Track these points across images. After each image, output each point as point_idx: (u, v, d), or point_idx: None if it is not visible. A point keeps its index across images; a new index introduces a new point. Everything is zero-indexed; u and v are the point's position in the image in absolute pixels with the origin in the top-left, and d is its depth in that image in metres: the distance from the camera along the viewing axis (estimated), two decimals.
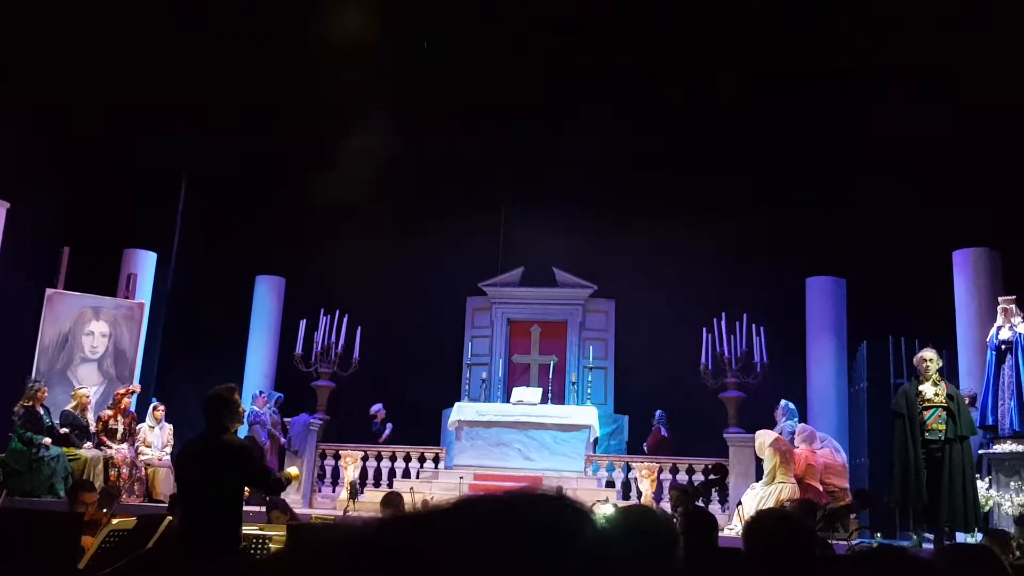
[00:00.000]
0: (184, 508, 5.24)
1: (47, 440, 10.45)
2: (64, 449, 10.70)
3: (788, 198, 13.88)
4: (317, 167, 14.85)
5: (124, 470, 10.94)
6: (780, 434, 10.71)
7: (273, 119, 13.63)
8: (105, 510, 7.61)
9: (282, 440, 12.92)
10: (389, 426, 14.03)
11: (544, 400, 13.49)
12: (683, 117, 13.44)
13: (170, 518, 5.80)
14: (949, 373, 10.34)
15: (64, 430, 10.98)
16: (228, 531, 5.03)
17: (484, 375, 14.92)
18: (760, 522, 3.22)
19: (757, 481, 10.72)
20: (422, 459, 12.84)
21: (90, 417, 11.39)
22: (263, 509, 8.42)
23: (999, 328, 9.87)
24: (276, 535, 5.72)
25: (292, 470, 5.87)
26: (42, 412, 10.76)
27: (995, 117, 11.18)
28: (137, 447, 11.36)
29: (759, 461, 10.82)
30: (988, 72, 10.94)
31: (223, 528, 5.00)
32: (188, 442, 5.44)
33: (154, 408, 12.00)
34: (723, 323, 12.60)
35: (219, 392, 5.23)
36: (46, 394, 11.00)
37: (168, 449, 11.67)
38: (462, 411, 13.10)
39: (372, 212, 15.34)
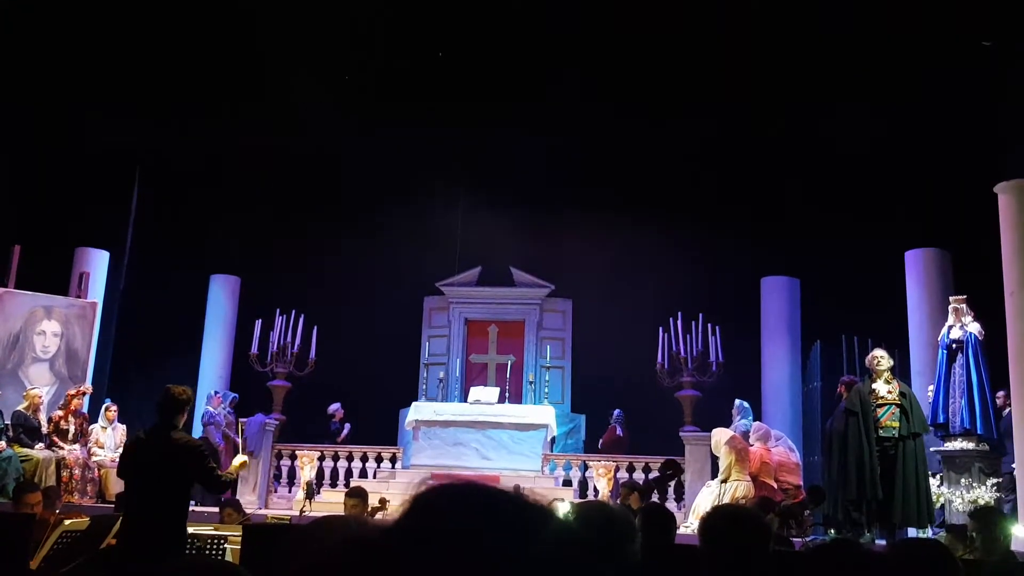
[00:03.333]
0: (129, 502, 5.22)
1: (1, 445, 10.27)
2: (16, 449, 10.50)
3: (743, 199, 14.03)
4: (272, 165, 14.72)
5: (76, 471, 10.77)
6: (735, 432, 10.82)
7: (226, 117, 13.47)
8: (57, 511, 7.51)
9: (237, 441, 12.77)
10: (348, 426, 13.95)
11: (502, 399, 13.50)
12: (638, 118, 13.52)
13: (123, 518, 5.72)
14: (901, 372, 10.53)
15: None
16: (173, 527, 5.00)
17: (441, 375, 14.89)
18: (715, 518, 3.25)
19: (713, 479, 10.82)
20: (379, 459, 12.80)
21: (42, 418, 11.18)
22: (216, 509, 8.34)
23: (950, 327, 10.06)
24: (232, 535, 5.66)
25: (238, 460, 5.82)
26: None
27: (947, 118, 11.39)
28: (89, 448, 11.18)
29: (715, 459, 10.93)
30: (939, 73, 11.14)
31: (168, 524, 4.97)
32: (137, 437, 5.49)
33: (106, 408, 11.82)
34: (679, 323, 12.71)
35: (180, 394, 5.31)
36: None
37: (121, 450, 11.51)
38: (419, 411, 13.07)
39: (328, 211, 15.26)
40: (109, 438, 11.55)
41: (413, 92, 13.66)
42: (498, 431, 12.72)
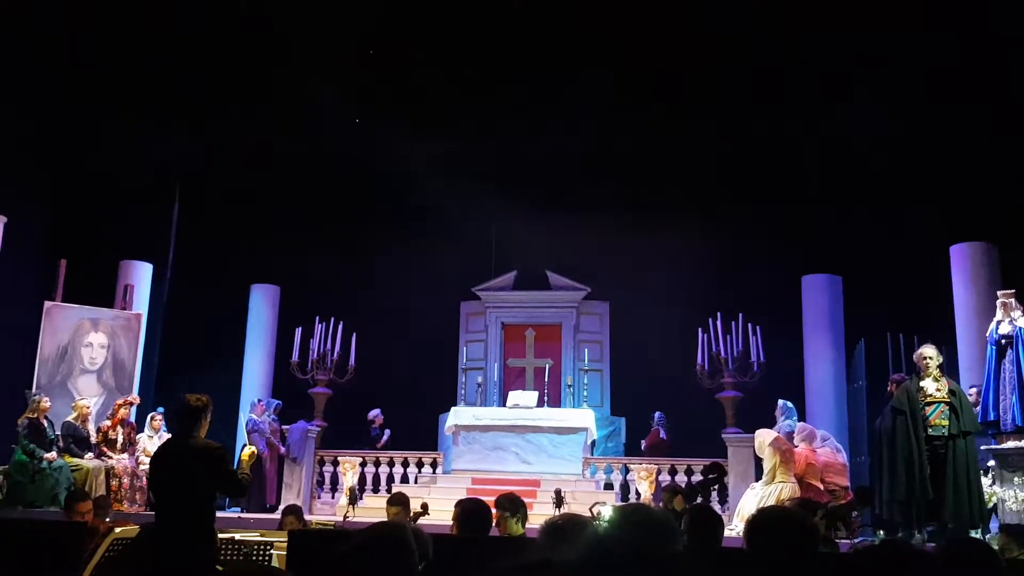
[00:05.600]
0: (158, 510, 5.30)
1: (50, 455, 10.46)
2: (66, 459, 10.71)
3: (783, 196, 13.88)
4: (308, 176, 14.85)
5: (125, 480, 10.95)
6: (779, 433, 10.70)
7: (263, 128, 13.61)
8: (107, 519, 7.64)
9: (281, 449, 12.87)
10: (387, 431, 14.01)
11: (540, 403, 13.47)
12: (676, 117, 13.43)
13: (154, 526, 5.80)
14: (948, 369, 10.33)
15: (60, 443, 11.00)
16: (200, 532, 5.06)
17: (480, 379, 14.90)
18: (762, 521, 3.23)
19: (756, 481, 10.71)
20: (420, 464, 12.82)
21: (91, 428, 11.39)
22: (273, 516, 8.43)
23: (999, 322, 9.83)
24: (278, 541, 5.71)
25: (246, 451, 5.84)
26: (46, 424, 10.77)
27: (991, 110, 11.19)
28: (137, 457, 11.34)
29: (758, 461, 10.81)
30: (984, 66, 10.95)
31: (195, 529, 5.03)
32: (160, 447, 5.61)
33: (152, 418, 11.99)
34: (719, 323, 12.60)
35: (195, 401, 5.38)
36: (48, 403, 11.00)
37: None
38: (459, 416, 13.09)
39: (364, 219, 15.36)
40: (155, 447, 11.71)
41: (447, 97, 13.71)
42: (538, 435, 12.69)
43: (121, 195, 13.94)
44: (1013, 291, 10.01)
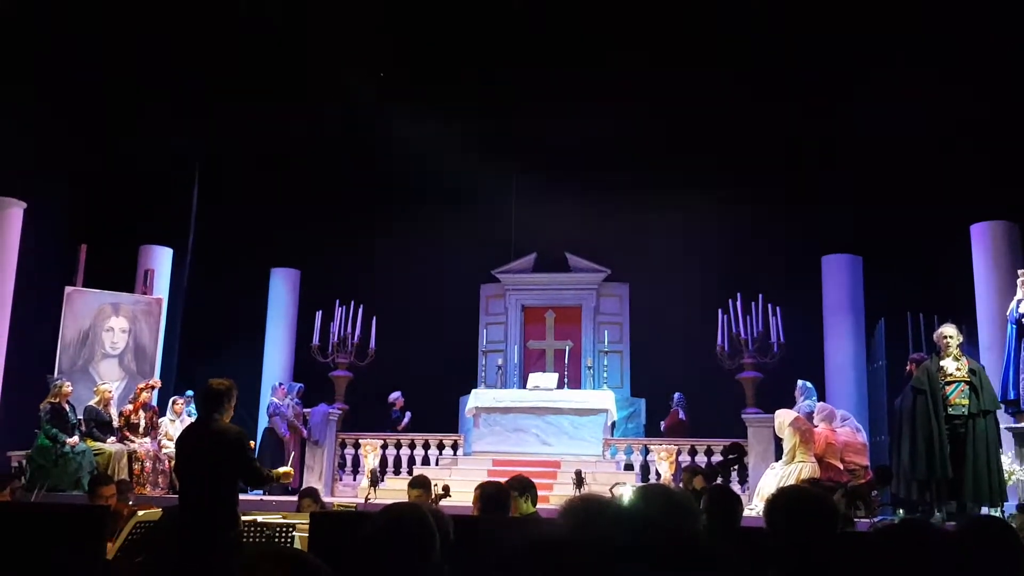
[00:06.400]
0: (182, 493, 5.36)
1: (72, 440, 10.56)
2: (89, 444, 10.81)
3: (802, 176, 13.78)
4: (327, 159, 14.88)
5: (147, 463, 11.05)
6: (799, 413, 10.68)
7: (282, 113, 13.63)
8: (130, 502, 7.72)
9: (303, 431, 12.94)
10: (408, 414, 14.07)
11: (560, 385, 13.50)
12: (694, 96, 13.34)
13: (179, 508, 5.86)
14: (969, 348, 10.26)
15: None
16: (224, 513, 5.13)
17: (500, 362, 14.93)
18: (782, 500, 3.23)
19: (776, 461, 10.70)
20: (441, 446, 12.89)
21: (113, 412, 11.49)
22: (294, 498, 8.50)
23: (1019, 301, 9.77)
24: (300, 523, 5.76)
25: (282, 469, 5.92)
26: (68, 409, 10.87)
27: (1013, 87, 11.06)
28: (159, 440, 11.45)
29: (778, 441, 10.80)
30: (1008, 40, 10.82)
31: (218, 511, 5.09)
32: (184, 431, 5.70)
33: (174, 402, 12.10)
34: (739, 304, 12.57)
35: (218, 386, 5.43)
36: (69, 388, 11.09)
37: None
38: (479, 398, 13.13)
39: (383, 202, 15.38)
40: (177, 431, 11.81)
41: (464, 79, 13.67)
42: (558, 417, 12.72)
43: (140, 180, 14.00)
44: None
